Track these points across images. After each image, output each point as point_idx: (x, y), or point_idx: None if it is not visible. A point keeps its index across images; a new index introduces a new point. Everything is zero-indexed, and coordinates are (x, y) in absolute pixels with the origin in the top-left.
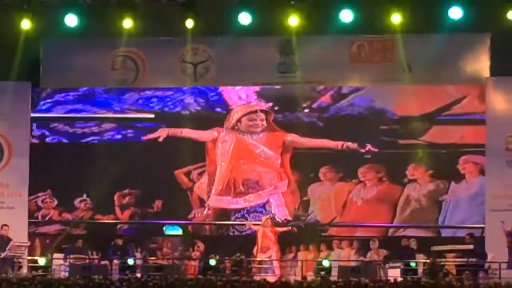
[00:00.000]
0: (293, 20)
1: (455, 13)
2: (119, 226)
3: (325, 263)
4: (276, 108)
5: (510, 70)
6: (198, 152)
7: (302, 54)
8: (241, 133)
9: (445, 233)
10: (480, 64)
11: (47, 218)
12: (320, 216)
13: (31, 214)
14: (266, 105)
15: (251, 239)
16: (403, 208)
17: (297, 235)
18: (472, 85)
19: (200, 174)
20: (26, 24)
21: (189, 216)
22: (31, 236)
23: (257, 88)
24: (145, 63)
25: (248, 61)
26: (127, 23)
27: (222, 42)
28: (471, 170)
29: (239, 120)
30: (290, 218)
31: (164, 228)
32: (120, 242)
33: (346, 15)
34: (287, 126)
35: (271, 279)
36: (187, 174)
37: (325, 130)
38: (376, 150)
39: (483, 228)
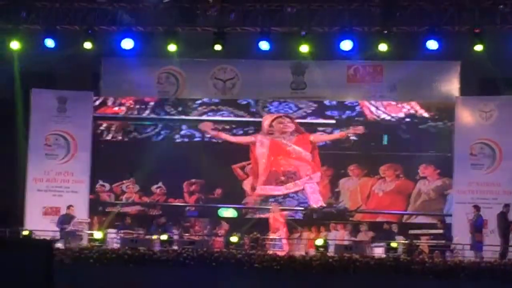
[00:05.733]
0: (303, 48)
1: (432, 45)
2: (187, 208)
3: (318, 242)
4: None
5: (475, 91)
6: (248, 152)
7: (310, 75)
8: (275, 136)
9: (448, 220)
10: (451, 86)
11: (130, 200)
12: (348, 204)
13: (116, 197)
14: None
15: (266, 220)
16: (415, 199)
17: (303, 220)
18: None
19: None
20: (88, 45)
21: (243, 202)
22: (102, 213)
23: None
24: (184, 79)
25: (266, 79)
26: (171, 47)
27: (246, 64)
28: None
29: (270, 125)
30: (324, 205)
31: (218, 210)
32: (162, 221)
33: (345, 45)
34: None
35: (281, 253)
36: (242, 168)
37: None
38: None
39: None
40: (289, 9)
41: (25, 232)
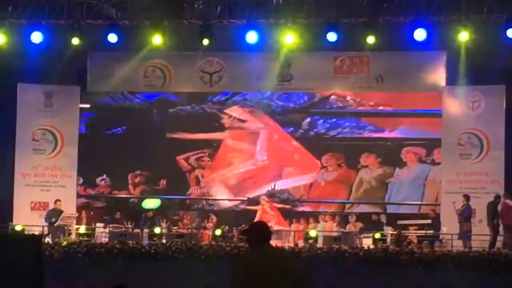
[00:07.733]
0: (290, 39)
1: (419, 35)
2: (131, 199)
3: (312, 233)
4: None
5: (462, 81)
6: (196, 143)
7: (296, 67)
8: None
9: (389, 209)
10: (438, 75)
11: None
12: (291, 194)
13: None
14: None
15: (255, 213)
16: (357, 188)
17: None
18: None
19: (197, 159)
20: (75, 41)
21: (187, 193)
22: None
23: None
24: (171, 72)
25: (253, 71)
26: (157, 40)
27: (232, 56)
28: (411, 159)
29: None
30: (267, 195)
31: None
32: (150, 214)
33: (331, 36)
34: None
35: None
36: (186, 159)
37: None
38: None
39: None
40: (275, 1)
41: (18, 228)
